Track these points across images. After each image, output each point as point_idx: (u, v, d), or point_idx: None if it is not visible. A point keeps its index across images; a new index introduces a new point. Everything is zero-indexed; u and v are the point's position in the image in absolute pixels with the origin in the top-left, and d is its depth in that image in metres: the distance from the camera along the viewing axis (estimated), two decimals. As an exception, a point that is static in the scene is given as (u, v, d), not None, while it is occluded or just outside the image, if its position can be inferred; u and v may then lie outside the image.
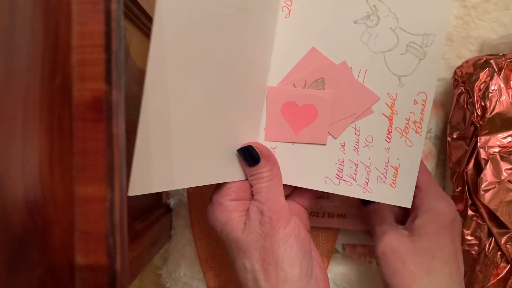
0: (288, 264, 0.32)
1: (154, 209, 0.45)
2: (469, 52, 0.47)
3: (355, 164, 0.36)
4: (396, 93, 0.35)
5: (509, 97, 0.41)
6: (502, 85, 0.41)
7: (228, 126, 0.34)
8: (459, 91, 0.43)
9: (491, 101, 0.41)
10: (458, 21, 0.47)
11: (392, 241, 0.35)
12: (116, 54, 0.22)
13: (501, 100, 0.41)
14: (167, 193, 0.48)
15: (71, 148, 0.22)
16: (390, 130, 0.36)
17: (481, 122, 0.41)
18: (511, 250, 0.40)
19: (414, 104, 0.35)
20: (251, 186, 0.36)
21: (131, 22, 0.37)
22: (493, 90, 0.41)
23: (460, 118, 0.43)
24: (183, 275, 0.47)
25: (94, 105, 0.22)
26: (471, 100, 0.42)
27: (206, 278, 0.47)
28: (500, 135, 0.41)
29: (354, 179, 0.36)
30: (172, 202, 0.47)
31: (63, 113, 0.22)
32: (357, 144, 0.36)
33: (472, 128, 0.42)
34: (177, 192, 0.47)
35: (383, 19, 0.35)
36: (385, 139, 0.36)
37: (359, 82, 0.35)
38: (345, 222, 0.45)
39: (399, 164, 0.36)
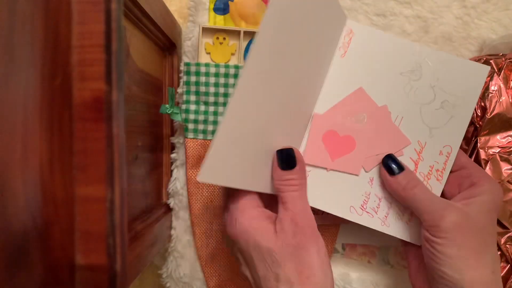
0: (323, 277, 0.32)
1: (154, 209, 0.45)
2: (469, 52, 0.47)
3: (379, 199, 0.40)
4: (425, 142, 0.39)
5: (508, 97, 0.41)
6: (502, 85, 0.41)
7: (275, 141, 0.36)
8: (459, 91, 0.43)
9: (491, 101, 0.41)
10: (458, 21, 0.47)
11: (457, 217, 0.34)
12: (116, 54, 0.22)
13: (500, 100, 0.41)
14: (167, 193, 0.48)
15: (71, 148, 0.22)
16: (415, 170, 0.40)
17: (480, 123, 0.41)
18: (510, 250, 0.40)
19: (439, 154, 0.39)
20: (274, 193, 0.35)
21: (131, 22, 0.37)
22: (493, 90, 0.41)
23: (460, 118, 0.43)
24: (183, 275, 0.47)
25: (94, 105, 0.22)
26: (471, 100, 0.42)
27: (206, 278, 0.47)
28: (500, 136, 0.41)
29: (376, 212, 0.40)
30: (172, 202, 0.47)
31: (63, 113, 0.22)
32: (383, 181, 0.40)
33: (472, 128, 0.42)
34: (177, 192, 0.47)
35: (425, 76, 0.40)
36: None
37: (396, 125, 0.39)
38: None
39: None
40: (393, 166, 0.37)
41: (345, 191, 0.40)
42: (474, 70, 0.39)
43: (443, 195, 0.39)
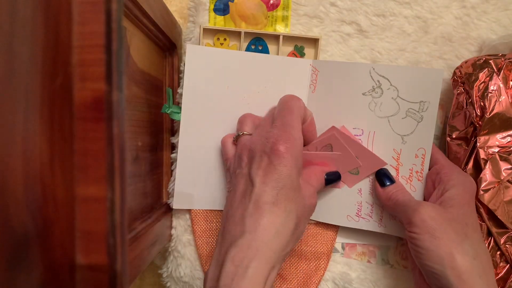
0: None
1: (154, 209, 0.45)
2: (468, 53, 0.47)
3: (371, 205, 0.45)
4: (400, 149, 0.43)
5: (508, 97, 0.41)
6: (501, 85, 0.41)
7: None
8: (458, 91, 0.43)
9: (490, 101, 0.41)
10: (458, 22, 0.47)
11: (430, 211, 0.36)
12: (117, 54, 0.22)
13: (500, 100, 0.41)
14: (167, 193, 0.48)
15: (71, 148, 0.22)
16: (397, 178, 0.44)
17: (480, 122, 0.41)
18: (510, 250, 0.40)
19: (415, 157, 0.43)
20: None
21: (131, 23, 0.38)
22: (493, 90, 0.41)
23: (460, 118, 0.43)
24: (183, 275, 0.47)
25: (94, 105, 0.22)
26: (470, 100, 0.42)
27: (206, 278, 0.47)
28: (499, 135, 0.41)
29: (371, 217, 0.45)
30: (172, 201, 0.48)
31: (64, 113, 0.22)
32: (371, 189, 0.44)
33: (471, 128, 0.42)
34: (177, 192, 0.47)
35: (386, 91, 0.43)
36: None
37: (367, 149, 0.43)
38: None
39: None
40: (385, 179, 0.42)
41: (338, 204, 0.45)
42: (429, 75, 0.42)
43: (426, 193, 0.42)
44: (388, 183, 0.42)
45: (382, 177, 0.42)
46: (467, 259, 0.34)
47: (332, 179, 0.42)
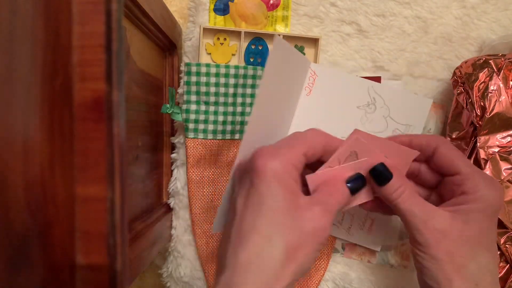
0: (304, 269, 0.32)
1: (154, 209, 0.45)
2: (468, 53, 0.47)
3: (343, 213, 0.46)
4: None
5: (508, 97, 0.41)
6: (501, 85, 0.41)
7: None
8: (458, 91, 0.43)
9: (490, 101, 0.41)
10: (458, 22, 0.47)
11: (442, 225, 0.33)
12: (117, 54, 0.22)
13: (500, 100, 0.41)
14: (167, 193, 0.48)
15: (71, 148, 0.22)
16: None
17: (480, 122, 0.41)
18: (510, 250, 0.40)
19: None
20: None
21: (131, 23, 0.38)
22: (493, 90, 0.41)
23: (460, 118, 0.43)
24: (183, 275, 0.47)
25: (94, 105, 0.22)
26: (470, 100, 0.42)
27: (206, 277, 0.47)
28: (500, 135, 0.41)
29: (341, 224, 0.46)
30: (172, 202, 0.48)
31: (64, 113, 0.22)
32: None
33: (471, 128, 0.42)
34: (177, 192, 0.47)
35: (379, 108, 0.45)
36: None
37: (394, 143, 0.37)
38: None
39: (375, 216, 0.45)
40: (381, 177, 0.35)
41: None
42: (419, 103, 0.45)
43: (439, 198, 0.37)
44: (385, 182, 0.34)
45: (378, 175, 0.35)
46: (466, 285, 0.32)
47: (357, 185, 0.35)
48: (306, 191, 0.34)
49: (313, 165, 0.35)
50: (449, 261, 0.32)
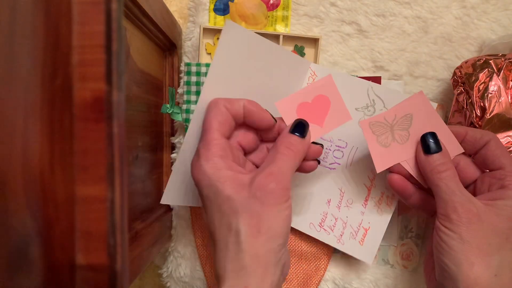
0: (275, 233, 0.32)
1: (154, 209, 0.45)
2: (468, 53, 0.47)
3: (335, 219, 0.45)
4: None
5: (508, 97, 0.41)
6: (501, 85, 0.41)
7: None
8: (458, 91, 0.43)
9: (490, 101, 0.41)
10: (458, 22, 0.47)
11: (470, 213, 0.33)
12: (117, 54, 0.22)
13: (500, 101, 0.41)
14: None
15: (71, 148, 0.22)
16: (367, 199, 0.44)
17: (480, 123, 0.41)
18: None
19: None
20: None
21: (131, 23, 0.38)
22: (492, 90, 0.41)
23: (460, 118, 0.43)
24: (183, 275, 0.47)
25: (94, 105, 0.22)
26: (470, 100, 0.42)
27: (206, 277, 0.47)
28: (499, 136, 0.41)
29: (332, 230, 0.45)
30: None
31: (64, 113, 0.22)
32: (340, 203, 0.45)
33: (471, 128, 0.42)
34: (177, 192, 0.47)
35: (378, 111, 0.44)
36: (362, 205, 0.44)
37: (450, 131, 0.37)
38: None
39: (369, 227, 0.44)
40: (431, 144, 0.36)
41: (304, 210, 0.45)
42: None
43: (473, 192, 0.38)
44: (433, 150, 0.36)
45: (427, 141, 0.36)
46: (486, 274, 0.32)
47: (303, 128, 0.36)
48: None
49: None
50: (476, 246, 0.33)
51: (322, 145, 0.38)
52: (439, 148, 0.36)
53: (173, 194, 0.38)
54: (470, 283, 0.32)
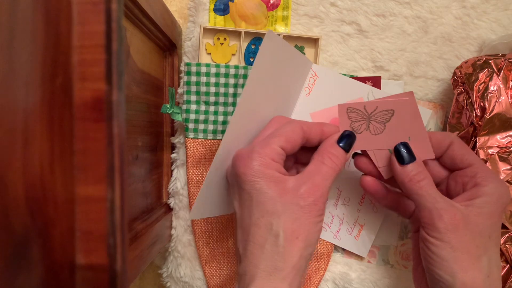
0: (310, 243, 0.33)
1: (154, 209, 0.45)
2: (468, 53, 0.47)
3: (332, 216, 0.46)
4: None
5: (508, 97, 0.41)
6: (501, 85, 0.41)
7: None
8: (458, 91, 0.43)
9: (490, 101, 0.41)
10: (458, 22, 0.47)
11: (459, 219, 0.33)
12: (117, 54, 0.22)
13: (500, 100, 0.41)
14: (167, 193, 0.48)
15: (71, 148, 0.22)
16: (364, 197, 0.46)
17: (480, 123, 0.41)
18: (510, 250, 0.40)
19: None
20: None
21: (131, 23, 0.38)
22: (492, 90, 0.41)
23: (460, 118, 0.43)
24: (183, 275, 0.47)
25: (94, 105, 0.22)
26: (470, 100, 0.42)
27: (206, 277, 0.47)
28: (499, 136, 0.41)
29: (329, 227, 0.46)
30: (172, 202, 0.48)
31: (64, 113, 0.22)
32: (337, 201, 0.46)
33: (471, 128, 0.42)
34: (177, 192, 0.47)
35: None
36: (359, 202, 0.46)
37: (427, 133, 0.38)
38: None
39: (365, 223, 0.46)
40: (404, 155, 0.36)
41: None
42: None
43: (447, 193, 0.38)
44: (407, 161, 0.36)
45: (401, 152, 0.36)
46: (480, 277, 0.33)
47: (350, 141, 0.37)
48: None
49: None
50: (466, 252, 0.33)
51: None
52: (413, 158, 0.36)
53: (203, 207, 0.38)
54: None
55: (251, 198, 0.33)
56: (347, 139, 0.36)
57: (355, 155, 0.40)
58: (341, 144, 0.36)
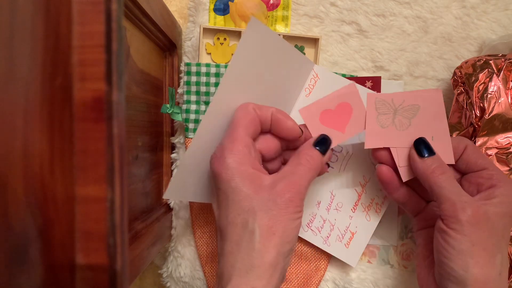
0: (288, 238, 0.33)
1: (154, 209, 0.45)
2: (468, 53, 0.47)
3: (323, 221, 0.45)
4: (369, 178, 0.45)
5: (507, 98, 0.41)
6: (501, 86, 0.41)
7: None
8: (458, 91, 0.43)
9: (489, 102, 0.41)
10: (458, 22, 0.47)
11: (481, 215, 0.33)
12: (117, 54, 0.22)
13: (499, 101, 0.41)
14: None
15: (71, 148, 0.22)
16: (357, 204, 0.45)
17: (479, 123, 0.41)
18: (510, 250, 0.40)
19: (380, 190, 0.45)
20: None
21: (131, 23, 0.38)
22: (492, 91, 0.41)
23: (460, 118, 0.43)
24: (183, 275, 0.47)
25: (94, 105, 0.22)
26: (470, 100, 0.42)
27: (206, 277, 0.47)
28: (498, 137, 0.41)
29: (319, 231, 0.45)
30: (172, 202, 0.48)
31: (64, 113, 0.22)
32: (329, 206, 0.45)
33: (471, 128, 0.42)
34: (177, 192, 0.47)
35: None
36: (351, 209, 0.45)
37: (449, 137, 0.39)
38: None
39: (356, 231, 0.45)
40: (424, 149, 0.37)
41: None
42: None
43: None
44: (427, 154, 0.37)
45: (421, 146, 0.37)
46: (493, 274, 0.33)
47: (326, 146, 0.37)
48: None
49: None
50: (483, 248, 0.33)
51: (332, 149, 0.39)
52: (432, 152, 0.37)
53: (178, 189, 0.38)
54: (479, 286, 0.32)
55: (227, 198, 0.33)
56: (322, 143, 0.37)
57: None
58: (317, 147, 0.37)
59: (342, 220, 0.45)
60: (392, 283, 0.47)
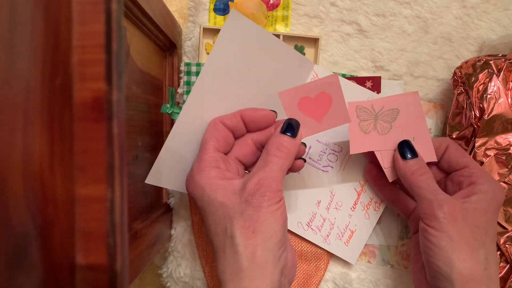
0: (268, 231, 0.33)
1: (154, 208, 0.45)
2: (468, 53, 0.47)
3: (323, 219, 0.46)
4: None
5: (507, 98, 0.41)
6: (500, 87, 0.41)
7: None
8: (458, 91, 0.43)
9: (489, 103, 0.41)
10: (458, 22, 0.47)
11: (457, 210, 0.35)
12: (117, 54, 0.22)
13: (499, 102, 0.41)
14: (167, 192, 0.48)
15: (71, 148, 0.22)
16: (356, 202, 0.46)
17: (479, 124, 0.41)
18: (510, 250, 0.40)
19: None
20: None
21: (131, 22, 0.38)
22: (492, 92, 0.41)
23: (459, 118, 0.43)
24: (183, 275, 0.47)
25: (94, 105, 0.22)
26: (470, 101, 0.42)
27: (206, 277, 0.47)
28: (497, 137, 0.41)
29: (319, 230, 0.46)
30: (172, 201, 0.48)
31: (64, 113, 0.22)
32: (329, 204, 0.46)
33: (471, 129, 0.42)
34: (177, 192, 0.47)
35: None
36: (351, 208, 0.46)
37: (430, 135, 0.40)
38: None
39: (356, 229, 0.46)
40: (407, 151, 0.39)
41: (294, 209, 0.46)
42: None
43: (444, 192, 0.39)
44: (409, 156, 0.38)
45: (405, 148, 0.39)
46: (478, 268, 0.33)
47: (294, 128, 0.36)
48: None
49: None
50: (464, 243, 0.34)
51: (305, 144, 0.39)
52: (415, 154, 0.39)
53: (158, 176, 0.38)
54: (464, 280, 0.33)
55: (205, 212, 0.34)
56: (290, 128, 0.36)
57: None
58: (287, 133, 0.36)
59: (341, 218, 0.46)
60: (392, 283, 0.47)
